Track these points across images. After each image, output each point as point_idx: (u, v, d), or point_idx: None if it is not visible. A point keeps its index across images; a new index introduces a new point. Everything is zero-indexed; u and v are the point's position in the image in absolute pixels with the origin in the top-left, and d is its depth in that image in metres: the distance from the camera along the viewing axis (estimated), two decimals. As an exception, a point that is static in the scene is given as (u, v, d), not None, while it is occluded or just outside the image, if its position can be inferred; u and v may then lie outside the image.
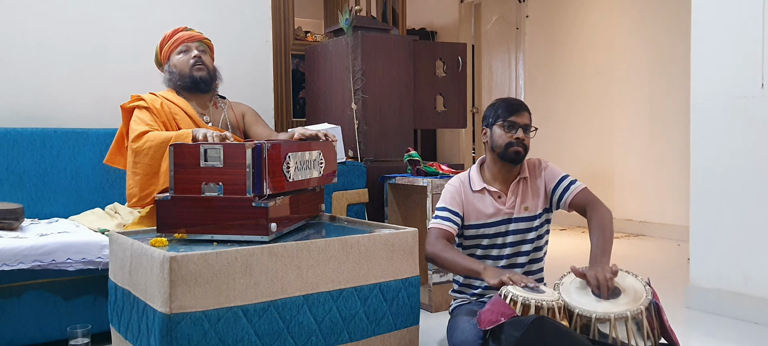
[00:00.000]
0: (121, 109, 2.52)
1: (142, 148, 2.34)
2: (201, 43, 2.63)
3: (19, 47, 2.85)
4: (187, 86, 2.58)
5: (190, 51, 2.58)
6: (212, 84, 2.64)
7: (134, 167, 2.36)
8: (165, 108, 2.49)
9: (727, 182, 2.79)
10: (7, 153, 2.66)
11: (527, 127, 2.12)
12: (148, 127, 2.40)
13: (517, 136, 2.10)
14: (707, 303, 2.85)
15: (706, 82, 2.86)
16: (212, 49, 2.70)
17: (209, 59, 2.64)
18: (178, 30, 2.63)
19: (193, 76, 2.56)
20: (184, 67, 2.57)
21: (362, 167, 3.07)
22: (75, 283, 2.27)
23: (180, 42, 2.59)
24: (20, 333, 2.19)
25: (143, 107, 2.47)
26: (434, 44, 4.00)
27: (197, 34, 2.64)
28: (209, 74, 2.60)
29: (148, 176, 2.34)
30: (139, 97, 2.51)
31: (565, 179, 2.17)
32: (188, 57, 2.57)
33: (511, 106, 2.13)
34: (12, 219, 2.31)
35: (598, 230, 2.02)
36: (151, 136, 2.36)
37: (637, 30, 5.28)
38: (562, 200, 2.15)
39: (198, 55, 2.57)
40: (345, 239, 1.84)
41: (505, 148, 2.11)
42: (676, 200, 4.86)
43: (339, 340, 1.83)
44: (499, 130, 2.12)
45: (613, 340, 1.68)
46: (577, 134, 5.82)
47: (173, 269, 1.55)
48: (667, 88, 5.00)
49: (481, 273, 1.94)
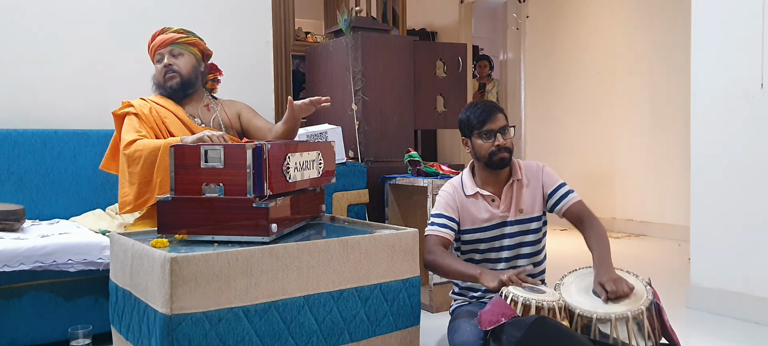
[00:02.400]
0: (113, 116, 2.49)
1: (133, 156, 2.31)
2: (175, 45, 2.50)
3: (20, 48, 2.86)
4: (168, 94, 2.53)
5: (163, 59, 2.50)
6: (189, 88, 2.54)
7: (130, 177, 2.32)
8: (154, 113, 2.44)
9: (728, 181, 2.79)
10: (8, 154, 2.66)
11: (505, 129, 2.10)
12: (136, 135, 2.36)
13: (497, 144, 2.08)
14: (708, 303, 2.85)
15: (707, 82, 2.86)
16: (196, 45, 2.56)
17: (186, 61, 2.51)
18: (155, 34, 2.53)
19: (166, 87, 2.50)
20: (158, 77, 2.52)
21: (363, 168, 3.08)
22: (76, 284, 2.27)
23: (154, 50, 2.52)
24: (21, 334, 2.19)
25: (132, 114, 2.43)
26: (434, 45, 4.00)
27: (169, 36, 2.50)
28: (182, 80, 2.50)
29: (142, 184, 2.31)
30: (129, 103, 2.46)
31: (563, 187, 2.17)
32: (161, 67, 2.50)
33: (483, 114, 2.09)
34: (13, 220, 2.31)
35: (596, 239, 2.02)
36: (139, 144, 2.32)
37: (637, 29, 5.29)
38: (556, 207, 2.15)
39: (168, 64, 2.47)
40: (345, 240, 1.84)
41: (490, 157, 2.10)
42: (676, 200, 4.86)
43: (340, 340, 1.83)
44: (478, 141, 2.11)
45: (614, 340, 1.68)
46: (578, 134, 5.82)
47: (174, 269, 1.55)
48: (668, 88, 5.00)
49: (478, 278, 1.94)
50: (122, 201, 2.34)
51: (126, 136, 2.37)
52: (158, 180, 2.28)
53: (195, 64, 2.55)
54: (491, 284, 1.87)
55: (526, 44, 6.24)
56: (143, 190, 2.31)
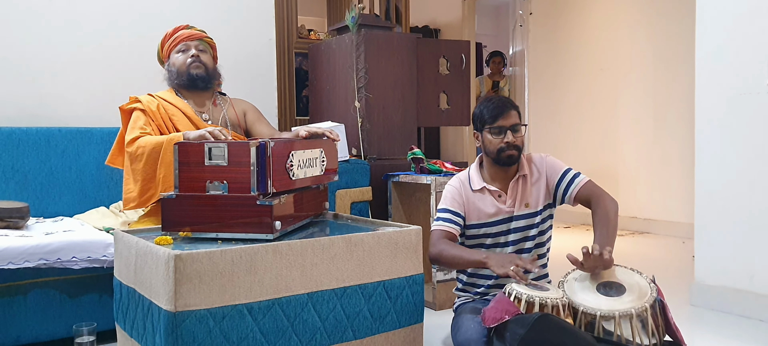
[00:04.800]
0: (120, 111, 2.51)
1: (136, 153, 2.32)
2: (201, 41, 2.60)
3: (24, 47, 2.86)
4: (185, 84, 2.56)
5: (189, 50, 2.56)
6: (210, 83, 2.61)
7: (134, 174, 2.34)
8: (161, 109, 2.46)
9: (732, 178, 2.78)
10: (12, 152, 2.67)
11: (516, 127, 2.09)
12: (140, 131, 2.37)
13: (506, 141, 2.07)
14: (712, 300, 2.84)
15: (711, 79, 2.85)
16: (214, 48, 2.68)
17: (209, 58, 2.61)
18: (179, 28, 2.61)
19: (189, 74, 2.54)
20: (181, 65, 2.55)
21: (366, 165, 3.08)
22: (80, 281, 2.28)
23: (179, 40, 2.57)
24: (26, 331, 2.20)
25: (139, 109, 2.44)
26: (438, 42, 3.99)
27: (197, 32, 2.62)
28: (207, 72, 2.57)
29: (146, 180, 2.32)
30: (136, 98, 2.49)
31: (568, 173, 2.15)
32: (186, 56, 2.55)
33: (496, 109, 2.08)
34: (17, 218, 2.32)
35: (601, 222, 2.00)
36: (141, 141, 2.33)
37: (641, 26, 5.27)
38: (566, 194, 2.13)
39: (196, 54, 2.55)
40: (349, 237, 1.84)
41: (498, 153, 2.09)
42: (680, 197, 4.85)
43: (343, 338, 1.83)
44: (488, 136, 2.10)
45: (617, 337, 1.68)
46: (582, 131, 5.81)
47: (178, 267, 1.55)
48: (672, 84, 4.99)
49: (485, 262, 1.94)
50: (126, 198, 2.35)
51: (129, 133, 2.38)
52: (161, 175, 2.29)
53: (213, 65, 2.64)
54: (499, 270, 1.88)
55: (530, 41, 6.23)
56: (147, 186, 2.32)
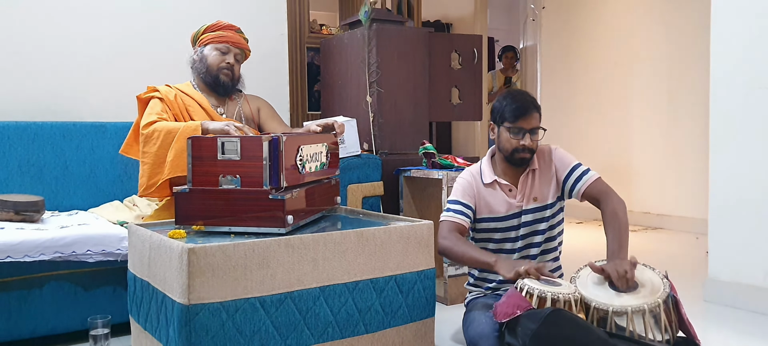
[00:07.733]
0: (137, 100, 2.54)
1: (151, 135, 2.35)
2: (242, 51, 2.66)
3: (39, 42, 2.89)
4: (209, 82, 2.60)
5: (228, 53, 2.60)
6: (231, 91, 2.67)
7: (145, 157, 2.37)
8: (179, 99, 2.50)
9: (747, 174, 2.75)
10: (28, 146, 2.70)
11: (535, 130, 2.07)
12: (157, 117, 2.41)
13: (523, 143, 2.05)
14: (726, 297, 2.82)
15: (726, 74, 2.82)
16: (247, 58, 2.73)
17: (239, 68, 2.66)
18: (228, 26, 2.63)
19: (217, 77, 2.58)
20: (214, 64, 2.58)
21: (377, 160, 3.08)
22: (95, 274, 2.30)
23: (223, 40, 2.60)
24: (42, 323, 2.23)
25: (157, 98, 2.49)
26: (450, 36, 3.98)
27: (242, 41, 2.65)
28: (232, 81, 2.62)
29: (155, 164, 2.34)
30: (155, 88, 2.53)
31: (578, 168, 2.13)
32: (222, 59, 2.59)
33: (519, 109, 2.04)
34: (33, 211, 2.34)
35: (613, 224, 1.98)
36: (158, 125, 2.37)
37: (655, 20, 5.22)
38: (574, 189, 2.11)
39: (232, 63, 2.60)
40: (361, 232, 1.85)
41: (512, 153, 2.08)
42: (694, 193, 4.81)
43: (355, 332, 1.84)
44: (505, 133, 2.07)
45: (630, 333, 1.67)
46: (595, 126, 5.77)
47: (192, 260, 1.57)
48: (686, 79, 4.94)
49: (493, 266, 1.92)
50: (140, 182, 2.39)
51: (146, 118, 2.42)
52: (170, 159, 2.31)
53: (239, 73, 2.69)
54: (508, 274, 1.86)
55: (542, 35, 6.19)
56: (156, 170, 2.34)
